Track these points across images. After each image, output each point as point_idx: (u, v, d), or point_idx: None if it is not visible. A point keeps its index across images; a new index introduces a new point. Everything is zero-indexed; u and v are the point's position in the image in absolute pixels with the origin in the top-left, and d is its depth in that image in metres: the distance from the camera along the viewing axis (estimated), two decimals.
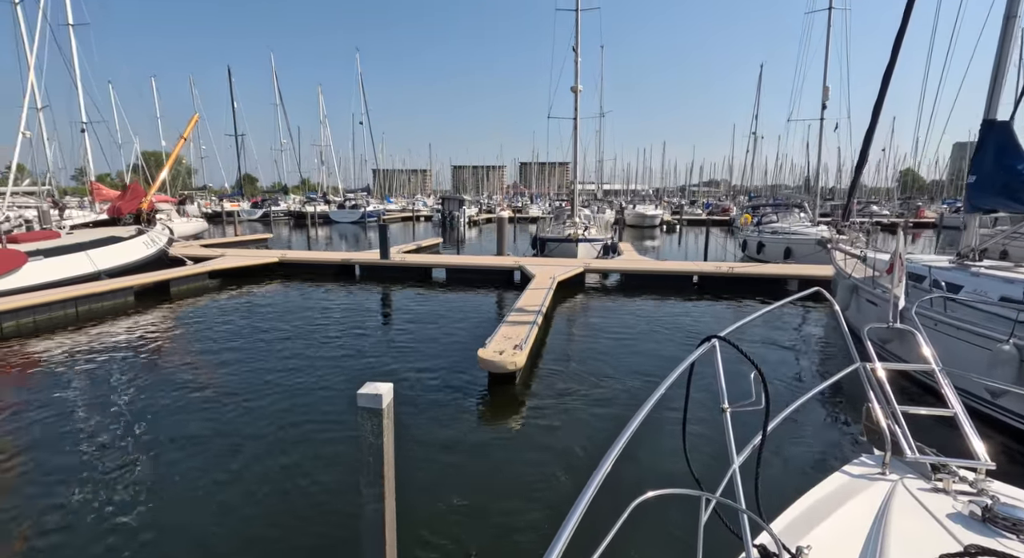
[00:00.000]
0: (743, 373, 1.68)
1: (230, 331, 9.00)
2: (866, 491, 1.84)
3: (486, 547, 3.44)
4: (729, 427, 1.69)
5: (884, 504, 1.74)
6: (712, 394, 1.74)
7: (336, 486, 4.14)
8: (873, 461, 2.05)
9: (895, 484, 1.86)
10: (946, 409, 2.03)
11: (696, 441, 4.24)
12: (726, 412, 1.73)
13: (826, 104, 17.36)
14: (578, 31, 17.53)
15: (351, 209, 41.46)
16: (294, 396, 6.01)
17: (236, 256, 15.13)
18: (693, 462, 1.87)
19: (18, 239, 10.77)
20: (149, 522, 3.68)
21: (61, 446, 4.83)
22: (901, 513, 1.67)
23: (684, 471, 1.90)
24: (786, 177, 65.72)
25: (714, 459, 1.80)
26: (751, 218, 22.08)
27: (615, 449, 1.34)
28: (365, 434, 2.59)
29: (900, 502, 1.74)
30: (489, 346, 6.40)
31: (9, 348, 7.91)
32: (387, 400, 2.61)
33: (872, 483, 1.90)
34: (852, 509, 1.74)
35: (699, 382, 1.87)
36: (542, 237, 17.60)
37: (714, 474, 1.70)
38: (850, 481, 1.93)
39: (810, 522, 1.67)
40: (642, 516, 1.32)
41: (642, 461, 4.27)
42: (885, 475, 1.94)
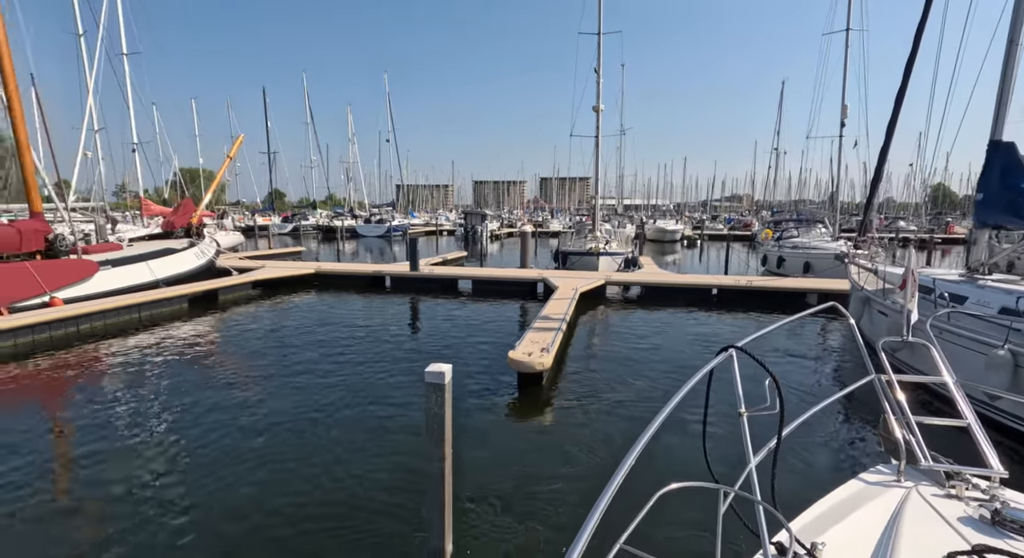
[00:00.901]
0: (760, 381, 1.83)
1: (275, 336, 9.78)
2: (881, 496, 1.90)
3: (518, 504, 3.96)
4: (746, 429, 1.79)
5: (898, 508, 1.80)
6: (731, 401, 1.85)
7: (384, 459, 4.73)
8: (889, 469, 2.10)
9: (909, 490, 1.92)
10: (960, 420, 2.08)
11: (715, 443, 4.44)
12: (743, 416, 1.83)
13: (845, 122, 17.66)
14: (600, 54, 18.33)
15: (377, 223, 42.86)
16: (341, 390, 6.67)
17: (275, 267, 16.10)
18: (712, 462, 2.03)
19: (89, 250, 11.86)
20: (225, 492, 4.33)
21: (130, 431, 5.56)
22: (914, 516, 1.73)
23: (703, 470, 2.07)
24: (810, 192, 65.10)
25: (732, 461, 1.88)
26: (772, 233, 22.27)
27: (638, 445, 1.43)
28: (431, 405, 3.19)
29: (913, 506, 1.80)
30: (518, 348, 6.98)
31: (85, 348, 8.81)
32: (447, 378, 3.21)
33: (887, 489, 1.96)
34: (867, 512, 1.80)
35: (719, 389, 1.99)
36: (564, 251, 18.15)
37: (732, 475, 1.78)
38: (866, 487, 1.99)
39: (826, 523, 1.74)
40: (665, 508, 1.42)
41: (663, 459, 4.54)
42: (900, 482, 2.00)
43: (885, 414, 2.14)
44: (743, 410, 1.83)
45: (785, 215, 28.53)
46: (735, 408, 1.84)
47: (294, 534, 3.71)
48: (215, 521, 3.88)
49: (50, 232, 11.05)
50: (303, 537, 3.67)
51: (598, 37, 18.31)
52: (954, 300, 6.49)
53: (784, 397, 1.73)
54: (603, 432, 5.52)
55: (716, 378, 1.92)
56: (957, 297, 6.57)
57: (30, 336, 8.87)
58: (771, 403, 1.76)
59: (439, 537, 3.29)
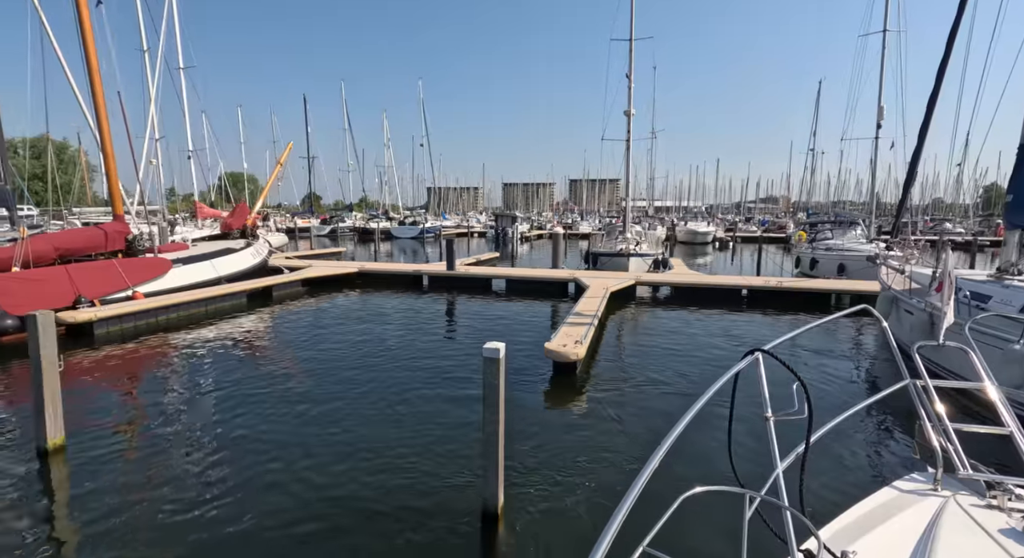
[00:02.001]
0: (787, 385, 1.78)
1: (327, 328, 10.66)
2: (916, 505, 1.83)
3: (557, 469, 4.54)
4: (772, 434, 1.75)
5: (934, 518, 1.73)
6: (757, 404, 1.83)
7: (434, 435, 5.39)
8: (924, 477, 2.04)
9: (947, 500, 1.85)
10: (1001, 427, 2.00)
11: (741, 448, 4.42)
12: (769, 420, 1.80)
13: (881, 123, 17.48)
14: (631, 59, 18.73)
15: (410, 225, 44.23)
16: (393, 374, 7.39)
17: (321, 267, 17.17)
18: (738, 467, 2.00)
19: (162, 250, 13.10)
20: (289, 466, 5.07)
21: (200, 413, 6.40)
22: (952, 528, 1.66)
23: (728, 474, 2.04)
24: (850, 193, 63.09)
25: (758, 466, 1.86)
26: (806, 235, 22.08)
27: (663, 447, 1.42)
28: (488, 376, 3.83)
29: (951, 517, 1.73)
30: (554, 340, 7.56)
31: (163, 336, 9.88)
32: (502, 354, 3.84)
33: (923, 498, 1.88)
34: (901, 522, 1.73)
35: (746, 391, 1.96)
36: (595, 252, 18.58)
37: (758, 480, 1.75)
38: (900, 495, 1.92)
39: (857, 531, 1.68)
40: (689, 511, 1.40)
41: (688, 462, 4.57)
42: (937, 491, 1.93)
43: (920, 420, 2.08)
44: (769, 414, 1.80)
45: (821, 217, 28.07)
46: (761, 412, 1.81)
47: (365, 487, 4.39)
48: (299, 469, 4.61)
49: (130, 233, 12.30)
50: (375, 490, 4.35)
51: (630, 43, 18.73)
52: (977, 299, 6.69)
53: (812, 401, 1.69)
54: (633, 416, 6.03)
55: (743, 380, 1.89)
56: (981, 296, 6.77)
57: (119, 325, 10.01)
58: (799, 408, 1.72)
59: (493, 489, 3.91)
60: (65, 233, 11.87)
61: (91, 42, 11.45)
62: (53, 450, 4.91)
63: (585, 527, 3.84)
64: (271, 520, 3.91)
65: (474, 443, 5.01)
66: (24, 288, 9.29)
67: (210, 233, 20.01)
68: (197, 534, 3.75)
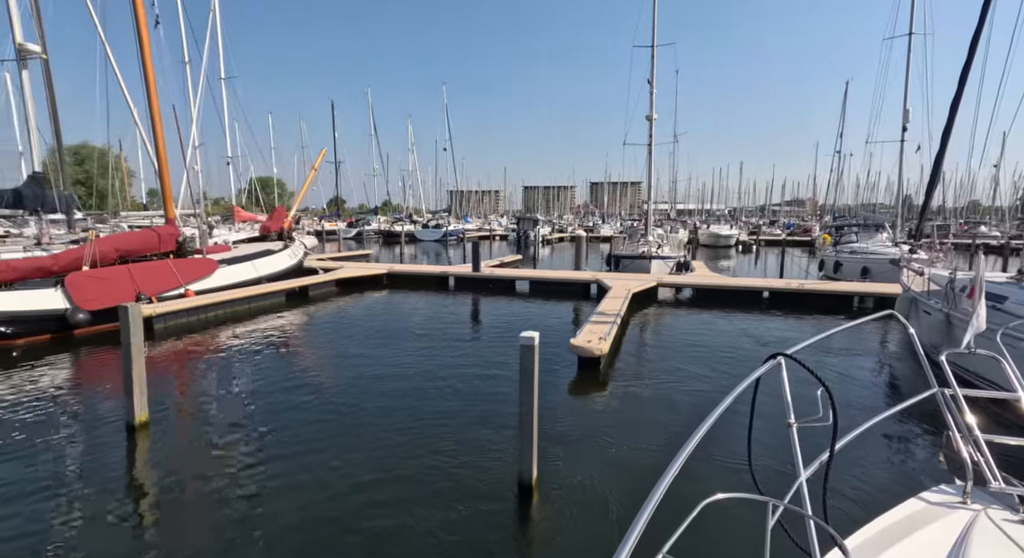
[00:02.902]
0: (810, 391, 1.73)
1: (361, 324, 11.31)
2: (944, 518, 1.78)
3: (584, 449, 4.99)
4: (795, 441, 1.71)
5: (964, 533, 1.68)
6: (780, 410, 1.80)
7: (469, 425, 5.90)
8: (953, 490, 1.98)
9: (977, 514, 1.79)
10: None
11: (763, 455, 4.40)
12: (792, 427, 1.76)
13: (907, 126, 17.39)
14: (654, 66, 19.05)
15: (434, 228, 45.15)
16: (428, 365, 7.94)
17: (353, 268, 17.95)
18: (758, 475, 1.98)
19: (208, 251, 14.01)
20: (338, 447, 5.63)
21: (259, 396, 7.04)
22: (982, 542, 1.61)
23: (749, 481, 2.01)
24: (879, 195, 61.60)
25: (780, 473, 1.86)
26: (830, 238, 21.97)
27: (683, 453, 1.40)
28: (524, 362, 4.31)
29: (982, 532, 1.67)
30: (579, 336, 8.01)
31: (212, 331, 10.66)
32: (535, 342, 4.32)
33: (951, 511, 1.83)
34: (929, 534, 1.68)
35: (767, 396, 1.91)
36: (617, 254, 18.90)
37: (780, 488, 1.71)
38: (927, 508, 1.86)
39: (883, 543, 1.64)
40: (710, 518, 1.38)
41: (707, 468, 4.58)
42: (966, 504, 1.87)
43: (949, 431, 2.03)
44: (792, 421, 1.76)
45: (847, 220, 27.76)
46: (784, 418, 1.78)
47: (413, 459, 4.92)
48: (351, 444, 5.16)
49: (180, 235, 13.20)
50: (415, 463, 4.87)
51: (652, 50, 19.05)
52: (992, 299, 6.87)
53: (837, 408, 1.65)
54: (654, 408, 6.43)
55: (765, 385, 1.85)
56: (997, 297, 6.95)
57: (174, 320, 10.85)
58: (823, 414, 1.68)
59: (528, 463, 4.39)
60: (124, 235, 12.83)
61: (149, 60, 12.41)
62: (139, 426, 5.59)
63: (610, 499, 4.28)
64: (329, 481, 4.47)
65: (507, 426, 5.50)
66: (94, 286, 10.18)
67: (249, 236, 21.06)
68: (261, 494, 4.33)
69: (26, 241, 14.05)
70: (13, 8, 12.77)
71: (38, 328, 9.49)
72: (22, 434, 5.59)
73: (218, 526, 3.94)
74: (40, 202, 13.06)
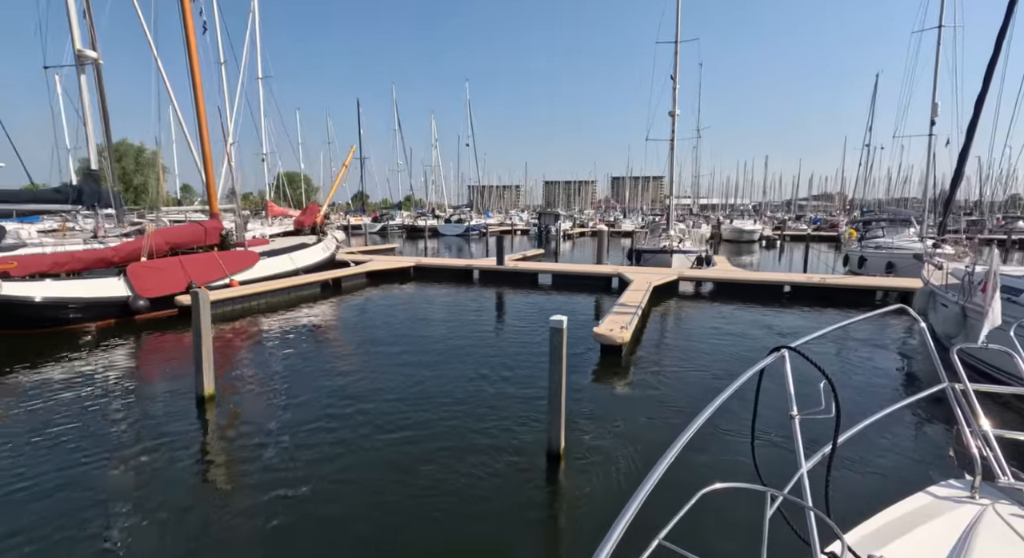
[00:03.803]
0: (816, 383, 1.74)
1: (395, 313, 11.94)
2: (951, 512, 1.77)
3: (608, 426, 5.45)
4: (797, 433, 1.72)
5: (970, 527, 1.67)
6: (783, 403, 1.80)
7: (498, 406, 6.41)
8: (961, 484, 1.97)
9: (984, 509, 1.78)
10: None
11: (766, 446, 4.40)
12: (794, 419, 1.76)
13: (935, 120, 17.15)
14: (677, 62, 19.16)
15: (456, 223, 45.92)
16: (459, 351, 8.48)
17: (382, 261, 18.67)
18: (761, 465, 1.97)
19: (248, 244, 14.86)
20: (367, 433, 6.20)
21: (307, 375, 7.67)
22: (989, 537, 1.60)
23: (751, 473, 2.01)
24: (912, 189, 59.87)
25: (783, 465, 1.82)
26: (856, 233, 21.77)
27: (680, 441, 1.39)
28: (554, 342, 4.79)
29: (989, 527, 1.67)
30: (602, 325, 8.44)
31: (254, 318, 11.43)
32: (564, 324, 4.79)
33: (958, 505, 1.82)
34: (933, 528, 1.68)
35: (772, 389, 1.92)
36: (638, 248, 19.17)
37: (782, 479, 1.70)
38: (933, 502, 1.86)
39: (886, 536, 1.62)
40: (708, 507, 1.37)
41: (709, 457, 4.58)
42: (974, 499, 1.86)
43: (959, 425, 2.03)
44: (795, 412, 1.77)
45: (875, 215, 27.33)
46: (787, 409, 1.79)
47: (451, 430, 5.45)
48: (392, 415, 5.73)
49: (223, 229, 14.05)
50: (453, 431, 5.40)
51: (675, 46, 19.16)
52: (1008, 292, 7.04)
53: (840, 401, 1.65)
54: (672, 392, 6.84)
55: (772, 376, 1.86)
56: (1013, 290, 7.11)
57: (221, 308, 11.65)
58: (825, 406, 1.68)
59: (556, 433, 4.87)
60: (174, 229, 13.72)
61: (197, 65, 13.22)
62: (208, 398, 6.27)
63: (630, 468, 4.74)
64: (378, 444, 5.04)
65: (536, 404, 6.00)
66: (151, 275, 11.05)
67: (283, 230, 22.01)
68: (321, 452, 4.92)
69: (84, 234, 15.11)
70: (73, 18, 13.72)
71: (104, 313, 10.38)
72: (111, 404, 6.34)
73: (286, 478, 4.53)
74: (96, 198, 14.06)
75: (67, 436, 5.42)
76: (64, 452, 5.07)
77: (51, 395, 6.63)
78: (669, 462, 1.34)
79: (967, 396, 2.06)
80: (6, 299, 9.18)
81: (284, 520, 3.96)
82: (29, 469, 4.72)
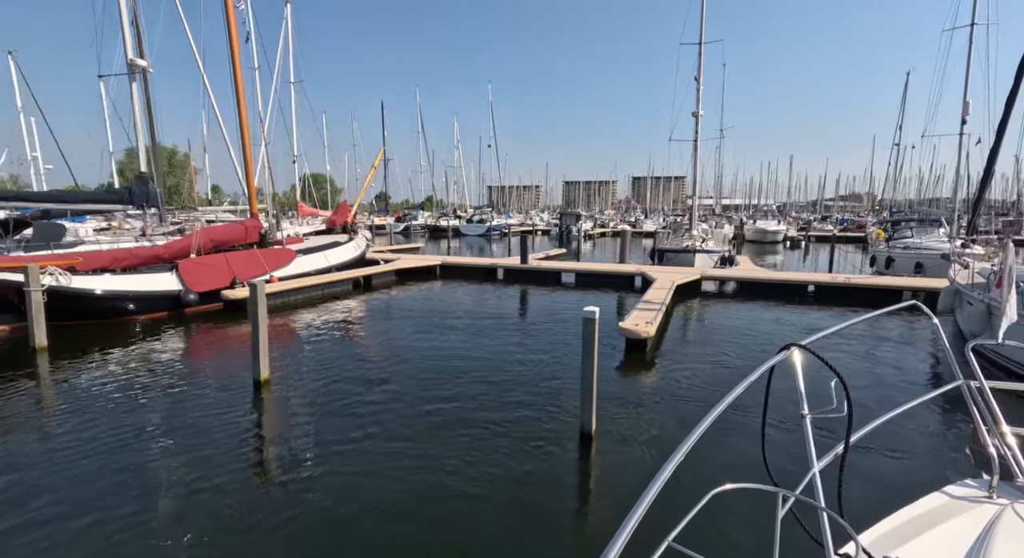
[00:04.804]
0: (827, 381, 1.72)
1: (426, 309, 12.44)
2: (968, 513, 1.76)
3: (635, 412, 5.79)
4: (809, 432, 1.70)
5: (988, 528, 1.65)
6: (795, 401, 1.78)
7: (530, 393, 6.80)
8: (978, 484, 1.95)
9: (1003, 508, 1.76)
10: None
11: (776, 447, 4.39)
12: (806, 418, 1.74)
13: (966, 119, 16.90)
14: (700, 63, 19.27)
15: (478, 223, 46.56)
16: (490, 344, 8.90)
17: (409, 259, 19.27)
18: (772, 466, 1.94)
19: (285, 243, 15.59)
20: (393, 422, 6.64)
21: (344, 365, 8.17)
22: (1007, 538, 1.58)
23: (762, 471, 1.99)
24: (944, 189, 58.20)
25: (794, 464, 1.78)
26: (884, 233, 21.51)
27: (689, 441, 1.38)
28: (586, 332, 5.16)
29: (1007, 527, 1.64)
30: (627, 320, 8.76)
31: (290, 314, 12.06)
32: (596, 315, 5.16)
33: (976, 505, 1.80)
34: (950, 529, 1.66)
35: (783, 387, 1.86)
36: (660, 248, 19.32)
37: (794, 479, 1.69)
38: (950, 502, 1.84)
39: (901, 537, 1.61)
40: (719, 508, 1.38)
41: (720, 456, 4.67)
42: (992, 499, 1.84)
43: (975, 424, 2.01)
44: (806, 411, 1.75)
45: (904, 215, 26.86)
46: (799, 409, 1.78)
47: (490, 413, 5.86)
48: (434, 400, 6.17)
49: (262, 228, 14.78)
50: (492, 414, 5.81)
51: (699, 47, 19.27)
52: None
53: (853, 400, 1.64)
54: (696, 384, 7.13)
55: (782, 377, 1.82)
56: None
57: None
58: (838, 405, 1.66)
59: (588, 416, 5.24)
60: (218, 228, 14.52)
61: (239, 73, 13.97)
62: (263, 382, 6.82)
63: (657, 450, 5.07)
64: (419, 425, 5.48)
65: (567, 391, 6.38)
66: (200, 271, 11.78)
67: (314, 229, 22.84)
68: (366, 429, 5.39)
69: (134, 232, 16.06)
70: (126, 29, 14.63)
71: (158, 306, 11.14)
72: (177, 387, 6.96)
73: (337, 451, 5.01)
74: (146, 198, 14.95)
75: (149, 412, 6.03)
76: (144, 424, 5.66)
77: (129, 379, 7.29)
78: (678, 462, 1.31)
79: (983, 393, 2.03)
80: (75, 291, 9.97)
81: (333, 486, 4.42)
82: (119, 433, 5.30)
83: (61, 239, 13.32)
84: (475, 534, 3.83)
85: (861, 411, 1.82)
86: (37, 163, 32.18)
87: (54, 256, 10.68)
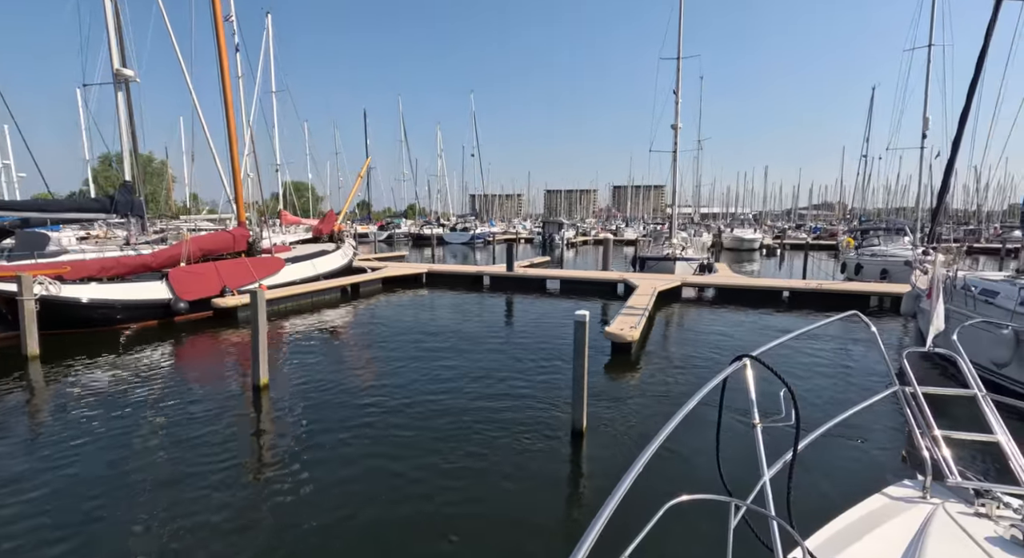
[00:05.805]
0: (779, 391, 1.79)
1: (413, 316, 12.67)
2: (905, 513, 1.84)
3: (623, 409, 6.15)
4: (760, 442, 1.74)
5: (923, 527, 1.73)
6: (748, 411, 1.83)
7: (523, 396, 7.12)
8: (914, 485, 2.04)
9: (935, 508, 1.85)
10: (990, 434, 2.01)
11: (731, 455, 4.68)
12: (757, 427, 1.78)
13: (926, 133, 17.98)
14: (679, 77, 20.06)
15: (462, 231, 46.85)
16: (478, 351, 9.19)
17: (395, 268, 19.45)
18: (726, 476, 1.98)
19: (273, 251, 15.66)
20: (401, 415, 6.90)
21: (339, 371, 8.38)
22: (940, 537, 1.66)
23: (716, 482, 2.03)
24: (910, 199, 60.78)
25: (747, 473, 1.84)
26: (853, 241, 22.53)
27: (645, 455, 1.41)
28: (577, 334, 5.51)
29: (939, 526, 1.73)
30: (612, 325, 9.17)
31: (280, 322, 12.16)
32: (587, 318, 5.52)
33: (912, 506, 1.89)
34: (889, 530, 1.73)
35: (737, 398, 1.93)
36: (642, 256, 19.89)
37: (746, 488, 1.76)
38: (889, 503, 1.92)
39: (844, 540, 1.67)
40: (674, 520, 1.40)
41: (675, 468, 4.79)
42: (926, 499, 1.93)
43: (910, 428, 2.12)
44: (757, 421, 1.80)
45: (872, 224, 28.14)
46: (750, 418, 1.83)
47: (487, 411, 6.16)
48: (431, 401, 6.43)
49: (250, 237, 14.84)
50: (488, 413, 6.10)
51: (678, 62, 20.06)
52: (985, 294, 7.77)
53: (800, 409, 1.69)
54: (677, 383, 7.55)
55: (735, 387, 1.88)
56: (989, 292, 7.83)
57: None
58: (786, 414, 1.72)
59: (579, 413, 5.58)
60: (206, 236, 14.53)
61: (228, 82, 14.11)
62: (263, 386, 7.00)
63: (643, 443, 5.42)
64: (416, 424, 5.75)
65: (557, 392, 6.71)
66: (190, 279, 11.81)
67: (300, 238, 22.86)
68: (367, 429, 5.63)
69: (118, 241, 15.92)
70: (112, 39, 14.64)
71: (149, 314, 11.14)
72: (187, 392, 7.07)
73: (338, 451, 5.24)
74: (130, 207, 14.88)
75: (150, 416, 6.16)
76: (149, 428, 5.80)
77: (128, 386, 7.37)
78: (633, 478, 1.32)
79: (916, 398, 2.15)
80: (64, 301, 9.95)
81: (330, 480, 4.67)
82: (124, 437, 5.44)
83: (45, 248, 13.18)
84: (475, 534, 4.11)
85: (809, 419, 1.94)
86: (10, 171, 31.43)
87: (40, 265, 10.63)
